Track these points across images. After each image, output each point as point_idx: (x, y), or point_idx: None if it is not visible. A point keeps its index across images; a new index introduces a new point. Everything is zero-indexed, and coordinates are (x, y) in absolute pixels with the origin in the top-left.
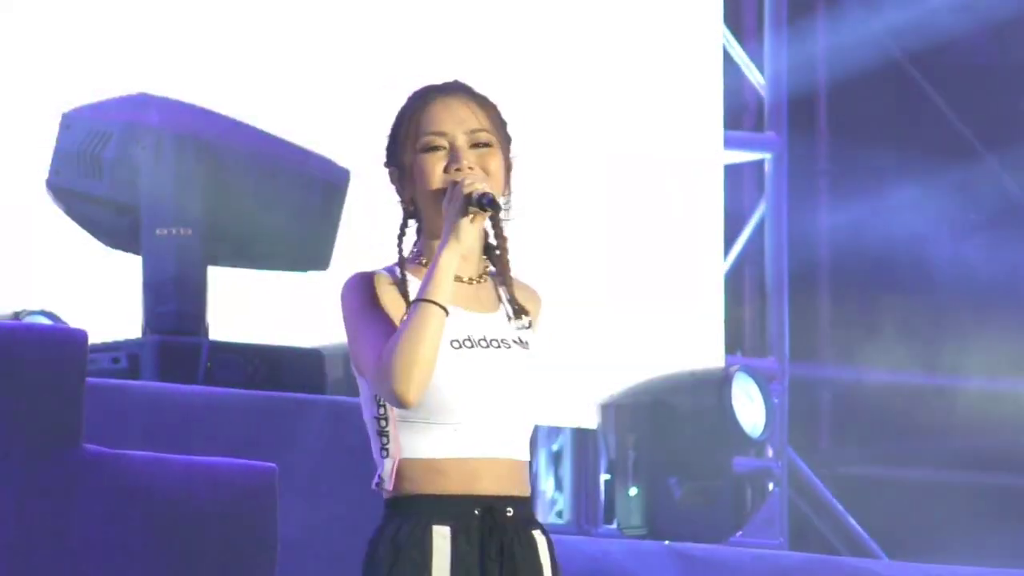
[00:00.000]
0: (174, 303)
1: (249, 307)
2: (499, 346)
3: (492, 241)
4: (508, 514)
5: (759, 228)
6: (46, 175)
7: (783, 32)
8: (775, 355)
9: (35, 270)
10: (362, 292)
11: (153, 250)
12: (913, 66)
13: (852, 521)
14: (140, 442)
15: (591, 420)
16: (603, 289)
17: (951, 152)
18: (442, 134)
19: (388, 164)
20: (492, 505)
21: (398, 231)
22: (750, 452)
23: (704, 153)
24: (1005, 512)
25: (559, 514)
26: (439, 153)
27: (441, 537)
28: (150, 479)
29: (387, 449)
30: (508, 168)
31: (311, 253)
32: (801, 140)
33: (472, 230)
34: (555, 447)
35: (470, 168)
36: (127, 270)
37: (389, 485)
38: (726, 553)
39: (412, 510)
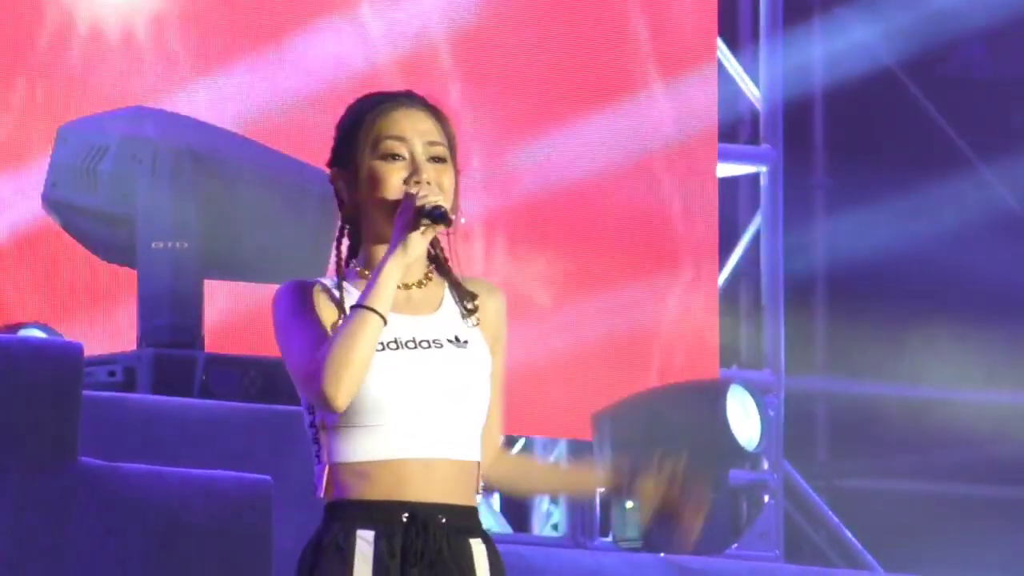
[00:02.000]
0: (170, 316)
1: (245, 320)
2: (428, 346)
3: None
4: (440, 520)
5: (754, 241)
6: (42, 189)
7: (778, 44)
8: (771, 368)
9: (29, 283)
10: (295, 297)
11: (149, 263)
12: (908, 78)
13: (848, 533)
14: (136, 455)
15: (587, 432)
16: (599, 301)
17: (947, 164)
18: (403, 142)
19: (334, 165)
20: (420, 511)
21: (336, 236)
22: (745, 465)
23: (699, 166)
24: (1001, 524)
25: (555, 527)
26: (398, 163)
27: (364, 541)
28: (146, 492)
29: (319, 456)
30: (457, 184)
31: (307, 265)
32: (797, 153)
33: (421, 243)
34: (551, 459)
35: (428, 183)
36: (123, 283)
37: (320, 492)
38: (722, 565)
39: (339, 515)
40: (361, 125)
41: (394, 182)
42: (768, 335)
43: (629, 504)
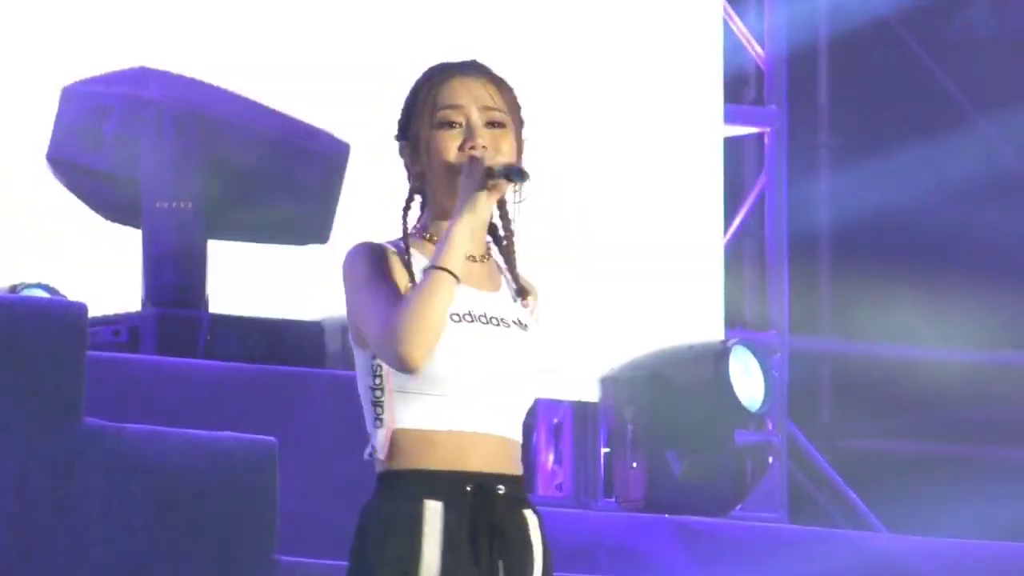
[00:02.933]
0: (174, 276)
1: (249, 280)
2: (498, 324)
3: (496, 222)
4: (499, 492)
5: (759, 201)
6: (45, 148)
7: (783, 5)
8: (775, 328)
9: (32, 243)
10: (370, 259)
11: (153, 223)
12: (912, 37)
13: (852, 494)
14: (140, 415)
15: (592, 393)
16: (604, 263)
17: (951, 124)
18: (458, 109)
19: (400, 137)
20: (483, 482)
21: (404, 205)
22: (750, 426)
23: (704, 126)
24: (1006, 485)
25: (559, 487)
26: (454, 130)
27: (432, 512)
28: (150, 452)
29: (381, 419)
30: (519, 151)
31: (311, 227)
32: (801, 113)
33: (488, 204)
34: (555, 420)
35: (484, 147)
36: (126, 243)
37: (382, 455)
38: (726, 526)
39: (404, 484)
40: (419, 96)
41: (451, 148)
42: (772, 296)
43: (633, 465)
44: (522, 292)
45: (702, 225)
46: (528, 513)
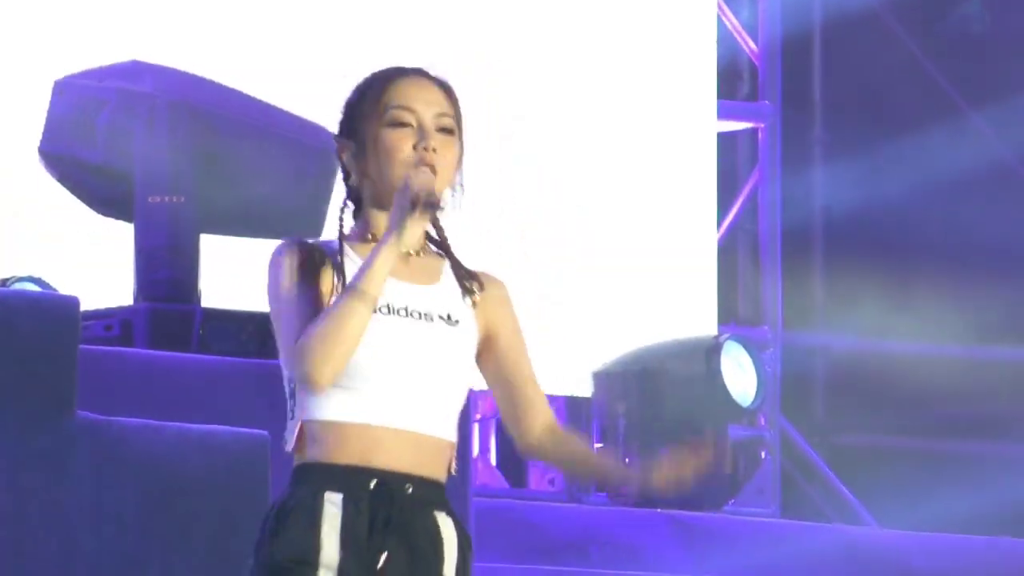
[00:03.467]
0: (167, 270)
1: (242, 275)
2: (420, 318)
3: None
4: (408, 491)
5: (752, 197)
6: (38, 142)
7: (776, 1)
8: (768, 324)
9: (22, 236)
10: (292, 263)
11: (146, 217)
12: (908, 34)
13: (844, 489)
14: (133, 409)
15: (585, 389)
16: (597, 258)
17: (944, 120)
18: (411, 111)
19: (341, 137)
20: (388, 479)
21: (341, 205)
22: (742, 420)
23: (697, 122)
24: (997, 480)
25: (551, 482)
26: (407, 130)
27: (332, 504)
28: (143, 446)
29: (293, 411)
30: (461, 160)
31: (304, 221)
32: (795, 109)
33: (416, 231)
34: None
35: (434, 150)
36: (118, 237)
37: (290, 447)
38: (719, 520)
39: (307, 477)
40: (369, 95)
41: (404, 147)
42: (766, 291)
43: (625, 460)
44: (466, 285)
45: (695, 220)
46: (440, 516)
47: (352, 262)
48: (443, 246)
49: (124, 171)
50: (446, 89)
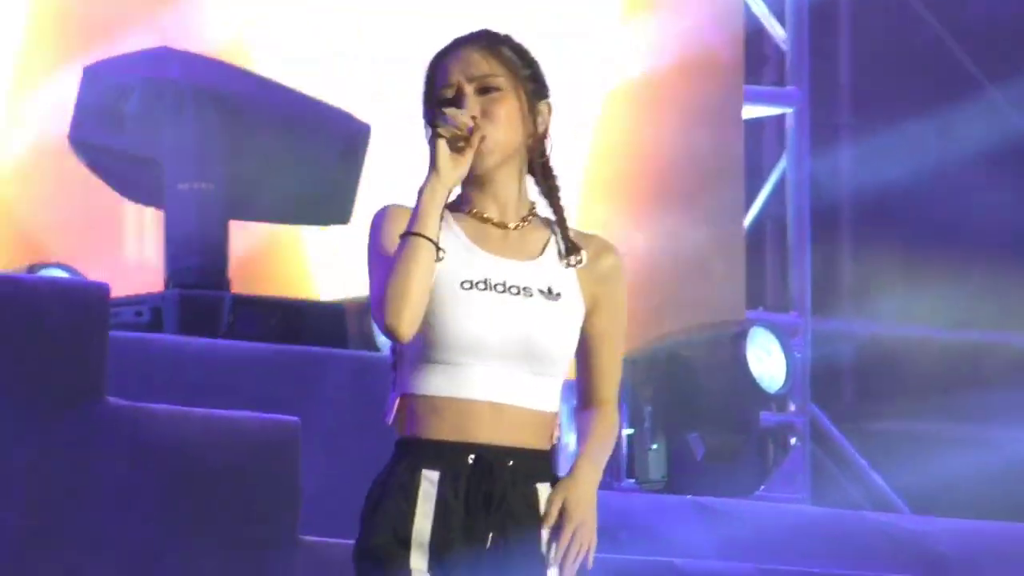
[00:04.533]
0: (196, 257)
1: (270, 261)
2: (518, 292)
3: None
4: (508, 464)
5: (780, 183)
6: (67, 129)
7: None
8: (797, 309)
9: (52, 223)
10: (386, 226)
11: (175, 204)
12: (935, 18)
13: (875, 475)
14: (162, 395)
15: None
16: (625, 244)
17: (972, 103)
18: (450, 85)
19: (425, 124)
20: (487, 453)
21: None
22: (772, 407)
23: (724, 108)
24: None
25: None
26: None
27: (428, 481)
28: (172, 432)
29: (394, 383)
30: (529, 111)
31: (332, 207)
32: (823, 94)
33: (452, 166)
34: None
35: (473, 117)
36: (147, 224)
37: (389, 418)
38: (748, 507)
39: (407, 453)
40: (426, 82)
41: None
42: (794, 277)
43: (654, 446)
44: (571, 250)
45: (723, 207)
46: (541, 487)
47: (448, 229)
48: (558, 214)
49: (153, 158)
50: (488, 46)
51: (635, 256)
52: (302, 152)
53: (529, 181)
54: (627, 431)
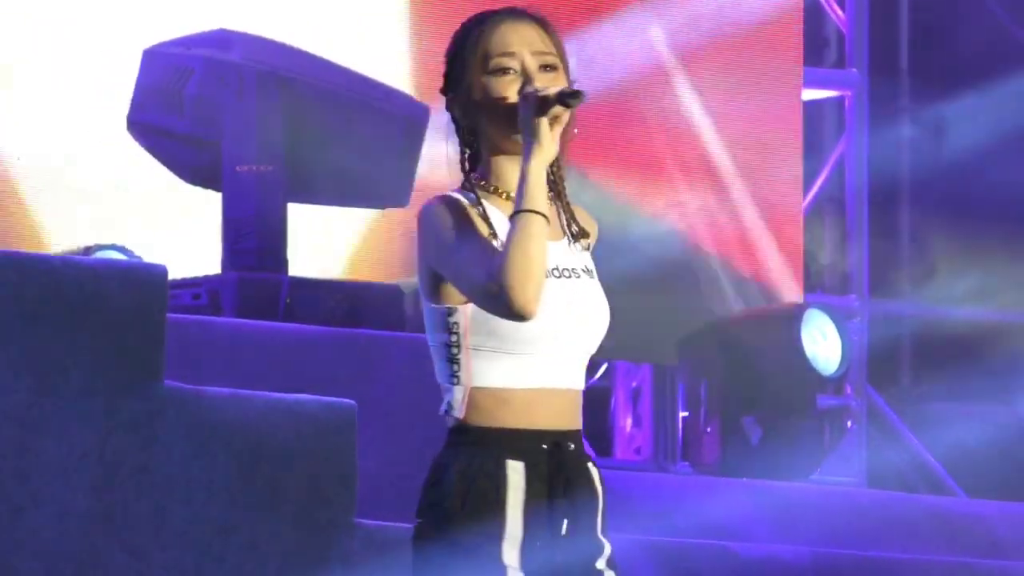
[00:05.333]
0: (254, 240)
1: (328, 244)
2: (570, 276)
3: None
4: (570, 448)
5: (839, 164)
6: (127, 111)
7: None
8: (855, 292)
9: (111, 205)
10: (454, 213)
11: (234, 186)
12: (995, 1)
13: (931, 458)
14: (220, 378)
15: (671, 357)
16: (683, 226)
17: None
18: (512, 55)
19: (446, 90)
20: (558, 440)
21: (460, 159)
22: (828, 390)
23: (785, 90)
24: None
25: (637, 451)
26: (509, 76)
27: (515, 472)
28: (231, 415)
29: (458, 376)
30: None
31: (390, 190)
32: (882, 77)
33: (552, 135)
34: (634, 384)
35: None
36: (203, 206)
37: (460, 413)
38: (803, 490)
39: (484, 441)
40: (467, 46)
41: (510, 95)
42: (852, 260)
43: (708, 429)
44: (580, 234)
45: (782, 189)
46: (591, 466)
47: (493, 211)
48: (558, 192)
49: (212, 140)
50: (544, 25)
51: (692, 237)
52: (362, 134)
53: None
54: (682, 414)
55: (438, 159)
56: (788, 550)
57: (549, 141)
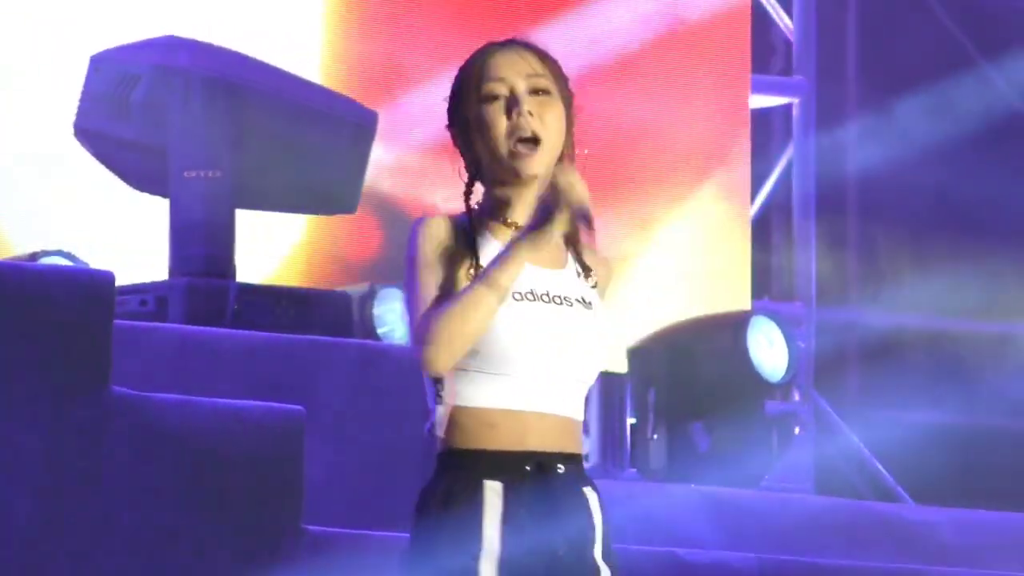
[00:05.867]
0: (202, 246)
1: (276, 249)
2: (561, 303)
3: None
4: (559, 471)
5: (786, 172)
6: (73, 117)
7: None
8: (802, 299)
9: (57, 211)
10: (429, 240)
11: (181, 192)
12: (944, 9)
13: (879, 465)
14: (168, 384)
15: (620, 365)
16: (631, 234)
17: (981, 96)
18: (501, 80)
19: (450, 125)
20: (543, 461)
21: (464, 190)
22: (776, 396)
23: (731, 97)
24: None
25: (585, 457)
26: (499, 102)
27: (493, 492)
28: (178, 421)
29: (441, 396)
30: (570, 123)
31: (339, 196)
32: (829, 84)
33: (558, 234)
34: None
35: (529, 113)
36: (150, 212)
37: (441, 432)
38: (751, 497)
39: (464, 464)
40: (464, 78)
41: (499, 121)
42: (800, 267)
43: (654, 436)
44: (586, 269)
45: (730, 196)
46: (588, 491)
47: (486, 242)
48: (572, 235)
49: (159, 146)
50: (538, 52)
51: (640, 243)
52: (310, 140)
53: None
54: (630, 420)
55: (387, 165)
56: (736, 556)
57: (547, 242)
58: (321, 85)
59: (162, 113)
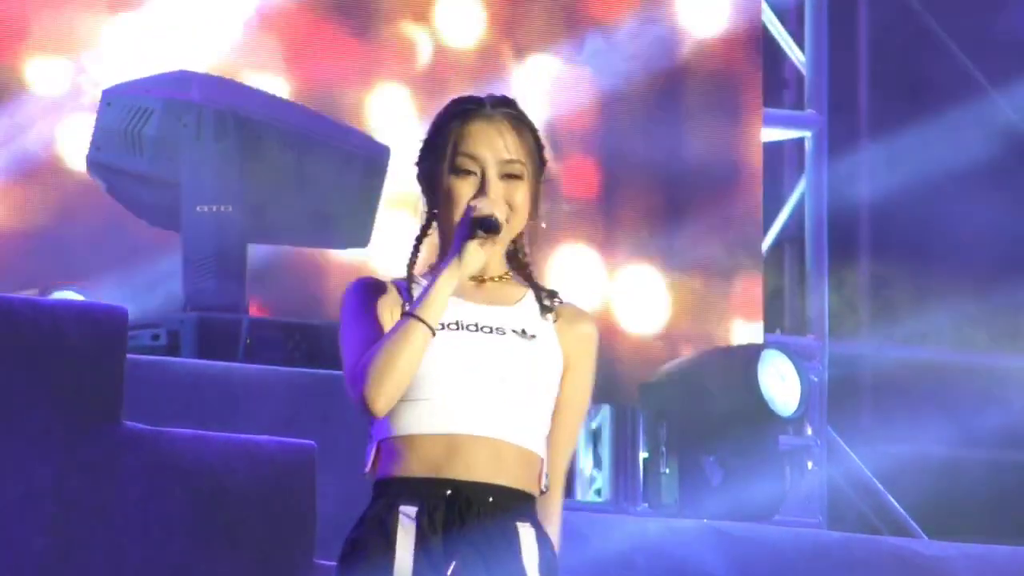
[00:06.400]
0: (214, 280)
1: (289, 284)
2: (490, 332)
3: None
4: (488, 500)
5: (799, 206)
6: (86, 151)
7: (824, 8)
8: (815, 333)
9: (70, 246)
10: (361, 297)
11: (193, 227)
12: (955, 43)
13: (892, 500)
14: (180, 419)
15: (632, 397)
16: (644, 268)
17: (995, 130)
18: (474, 159)
19: (420, 164)
20: (464, 489)
21: (416, 235)
22: (788, 430)
23: (744, 130)
24: None
25: (598, 492)
26: (470, 179)
27: (406, 516)
28: (190, 456)
29: (370, 433)
30: (536, 197)
31: (351, 230)
32: (842, 118)
33: (478, 254)
34: (594, 425)
35: (493, 200)
36: (164, 247)
37: (367, 468)
38: (764, 531)
39: (386, 492)
40: (440, 135)
41: (464, 198)
42: (812, 301)
43: (666, 470)
44: (546, 308)
45: (743, 229)
46: (522, 526)
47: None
48: (524, 271)
49: (171, 180)
50: (517, 128)
51: (651, 277)
52: (322, 174)
53: None
54: (642, 455)
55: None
56: None
57: (472, 258)
58: (332, 118)
59: (174, 147)
